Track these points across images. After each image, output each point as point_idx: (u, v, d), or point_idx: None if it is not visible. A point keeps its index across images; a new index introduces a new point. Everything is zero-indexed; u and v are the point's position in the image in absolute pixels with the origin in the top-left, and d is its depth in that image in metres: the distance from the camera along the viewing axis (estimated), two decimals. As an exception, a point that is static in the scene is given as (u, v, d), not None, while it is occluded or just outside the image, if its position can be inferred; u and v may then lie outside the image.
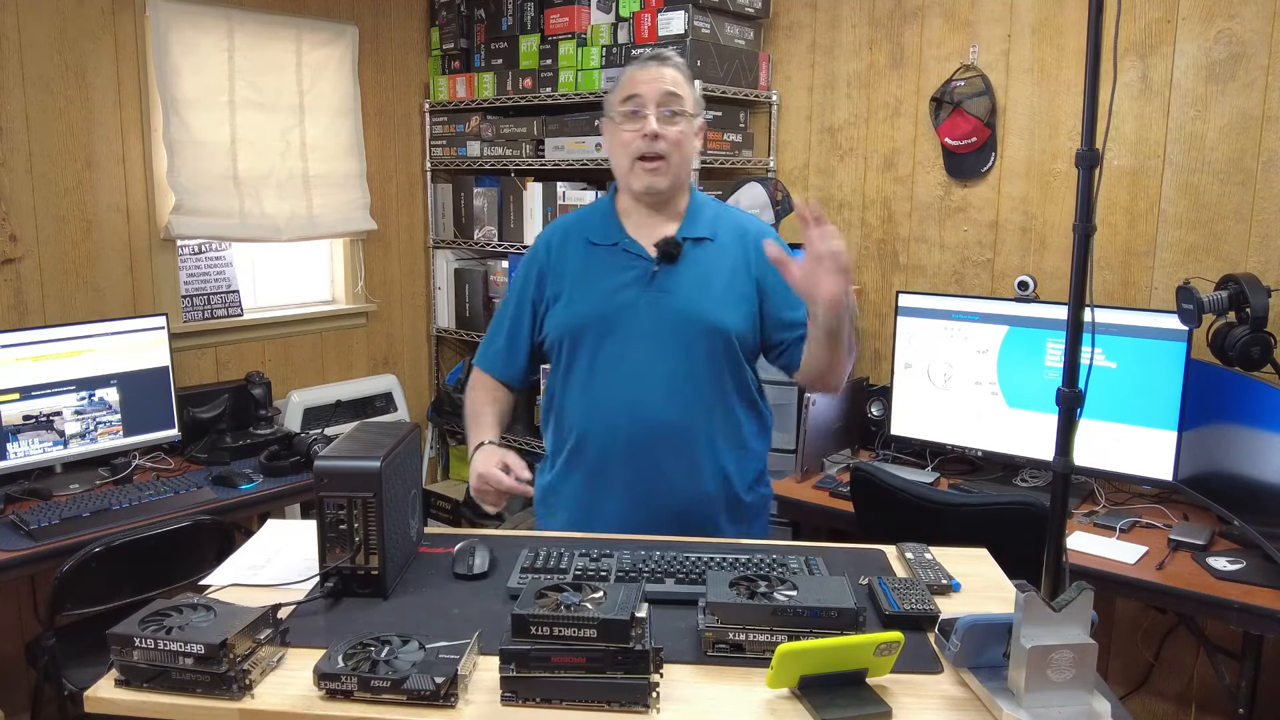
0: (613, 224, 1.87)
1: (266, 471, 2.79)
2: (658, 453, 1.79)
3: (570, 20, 3.37)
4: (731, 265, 1.83)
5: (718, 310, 1.79)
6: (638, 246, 1.83)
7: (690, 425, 1.79)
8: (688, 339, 1.78)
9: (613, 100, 1.83)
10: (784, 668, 1.19)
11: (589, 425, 1.83)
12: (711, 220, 1.87)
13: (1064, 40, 2.76)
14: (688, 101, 1.80)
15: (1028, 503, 2.04)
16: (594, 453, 1.83)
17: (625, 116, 1.79)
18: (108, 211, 3.03)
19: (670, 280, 1.80)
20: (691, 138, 1.81)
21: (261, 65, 3.34)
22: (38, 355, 2.65)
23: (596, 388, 1.82)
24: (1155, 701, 2.77)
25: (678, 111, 1.77)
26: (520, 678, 1.18)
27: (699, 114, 1.83)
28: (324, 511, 1.45)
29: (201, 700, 1.20)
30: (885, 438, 2.91)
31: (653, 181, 1.78)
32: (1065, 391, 1.28)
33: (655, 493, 1.81)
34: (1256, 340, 2.20)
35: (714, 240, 1.84)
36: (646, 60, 1.82)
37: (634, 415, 1.79)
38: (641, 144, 1.76)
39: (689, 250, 1.82)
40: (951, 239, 3.05)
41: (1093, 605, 1.21)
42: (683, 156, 1.80)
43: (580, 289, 1.84)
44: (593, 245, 1.86)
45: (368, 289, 3.81)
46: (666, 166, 1.78)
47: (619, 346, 1.80)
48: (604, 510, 1.83)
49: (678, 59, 1.83)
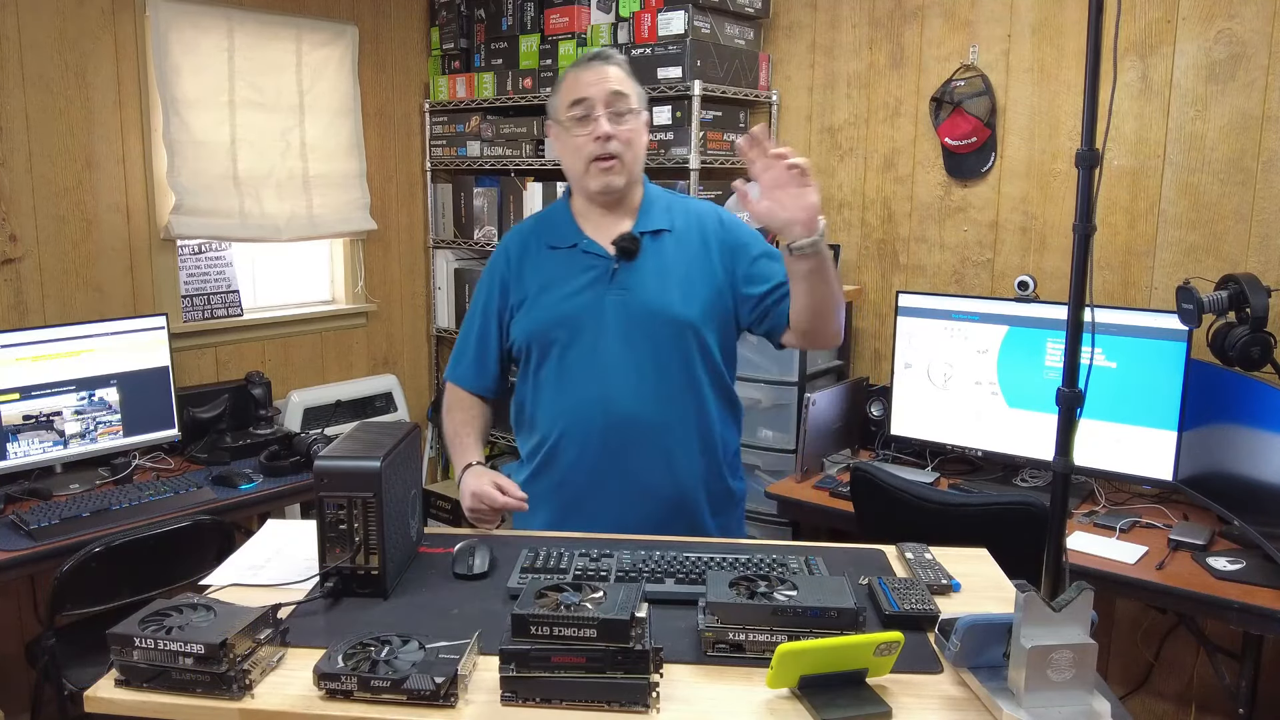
0: (570, 226, 1.87)
1: (266, 471, 2.79)
2: (634, 448, 1.80)
3: (570, 20, 3.37)
4: (692, 254, 1.84)
5: (682, 302, 1.80)
6: (596, 246, 1.83)
7: (665, 418, 1.80)
8: (654, 333, 1.79)
9: (558, 105, 1.82)
10: (784, 668, 1.19)
11: (564, 427, 1.83)
12: (666, 211, 1.87)
13: (1064, 40, 2.77)
14: (633, 98, 1.80)
15: (1028, 503, 2.04)
16: (571, 453, 1.83)
17: (575, 121, 1.79)
18: (108, 211, 3.03)
19: (632, 277, 1.80)
20: (641, 134, 1.82)
21: (261, 65, 3.34)
22: (38, 355, 2.64)
23: (568, 389, 1.82)
24: (1155, 701, 2.77)
25: (625, 110, 1.78)
26: (520, 678, 1.18)
27: (644, 109, 1.84)
28: (324, 511, 1.45)
29: (201, 700, 1.20)
30: (885, 438, 2.91)
31: (609, 180, 1.79)
32: (1065, 391, 1.28)
33: (633, 488, 1.81)
34: (1256, 340, 2.20)
35: (671, 231, 1.85)
36: (588, 61, 1.82)
37: (608, 412, 1.79)
38: (595, 146, 1.76)
39: (648, 244, 1.82)
40: (951, 239, 3.05)
41: (1093, 605, 1.21)
42: (635, 154, 1.81)
43: (544, 293, 1.84)
44: (552, 249, 1.87)
45: (368, 289, 3.81)
46: (621, 165, 1.79)
47: (587, 346, 1.80)
48: (584, 509, 1.83)
49: (618, 56, 1.84)
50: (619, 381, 1.78)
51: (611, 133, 1.76)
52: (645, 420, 1.79)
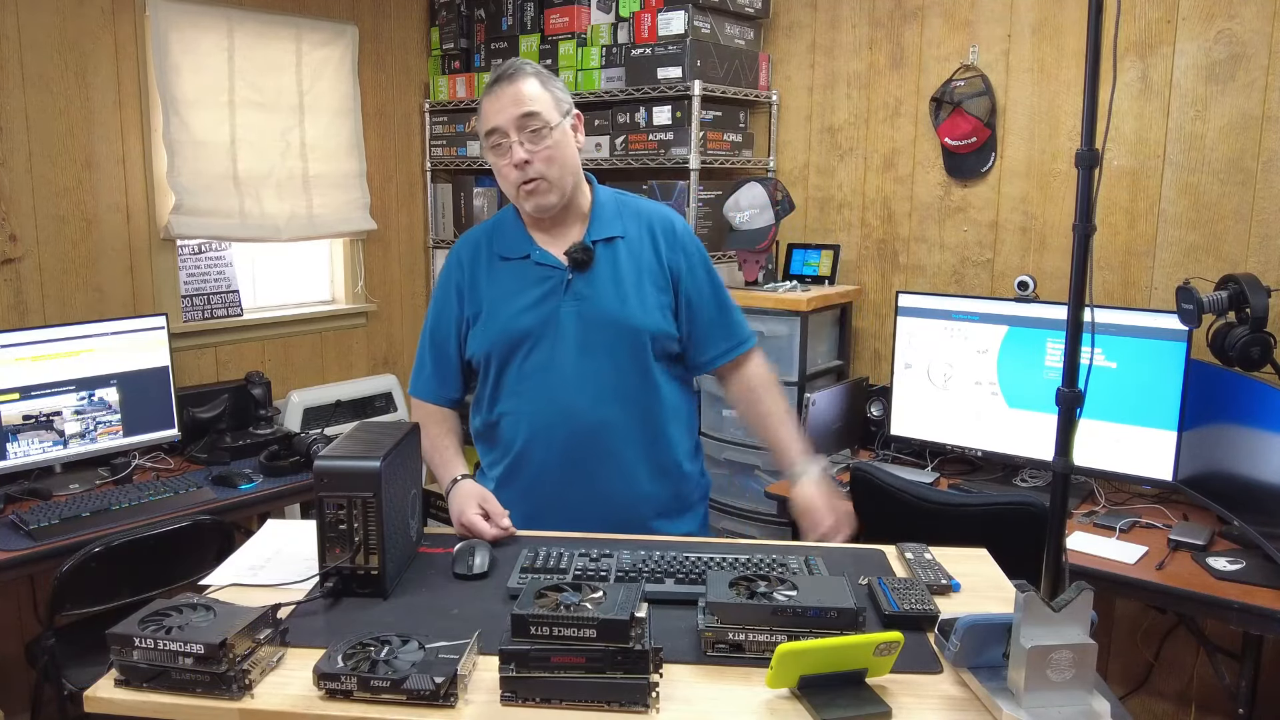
0: (521, 237, 1.86)
1: (266, 471, 2.79)
2: (594, 457, 1.80)
3: (570, 20, 3.37)
4: (644, 260, 1.83)
5: (637, 310, 1.80)
6: (550, 257, 1.82)
7: (623, 427, 1.81)
8: (610, 342, 1.79)
9: (480, 132, 1.82)
10: (784, 668, 1.19)
11: (528, 436, 1.83)
12: (617, 216, 1.86)
13: (1064, 40, 2.76)
14: (548, 111, 1.75)
15: (1027, 503, 2.04)
16: (534, 463, 1.84)
17: (492, 150, 1.78)
18: (107, 211, 3.03)
19: (586, 286, 1.80)
20: (567, 145, 1.78)
21: (261, 65, 3.34)
22: (37, 355, 2.64)
23: (529, 399, 1.82)
24: (1155, 701, 2.77)
25: (539, 127, 1.74)
26: (520, 678, 1.18)
27: (566, 113, 1.79)
28: (324, 511, 1.45)
29: (201, 700, 1.20)
30: (885, 438, 2.91)
31: (540, 201, 1.78)
32: (1065, 391, 1.28)
33: (594, 496, 1.81)
34: (1256, 340, 2.20)
35: (624, 237, 1.84)
36: (494, 84, 1.78)
37: (570, 421, 1.79)
38: (516, 174, 1.75)
39: (600, 252, 1.81)
40: (951, 239, 3.05)
41: (1092, 605, 1.21)
42: (562, 167, 1.77)
43: (499, 306, 1.83)
44: (504, 260, 1.85)
45: (367, 289, 3.81)
46: (548, 184, 1.76)
47: (544, 357, 1.80)
48: (546, 516, 1.82)
49: (526, 67, 1.79)
50: (578, 392, 1.79)
51: (527, 158, 1.73)
52: (606, 429, 1.80)
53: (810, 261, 3.25)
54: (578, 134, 1.82)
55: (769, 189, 3.02)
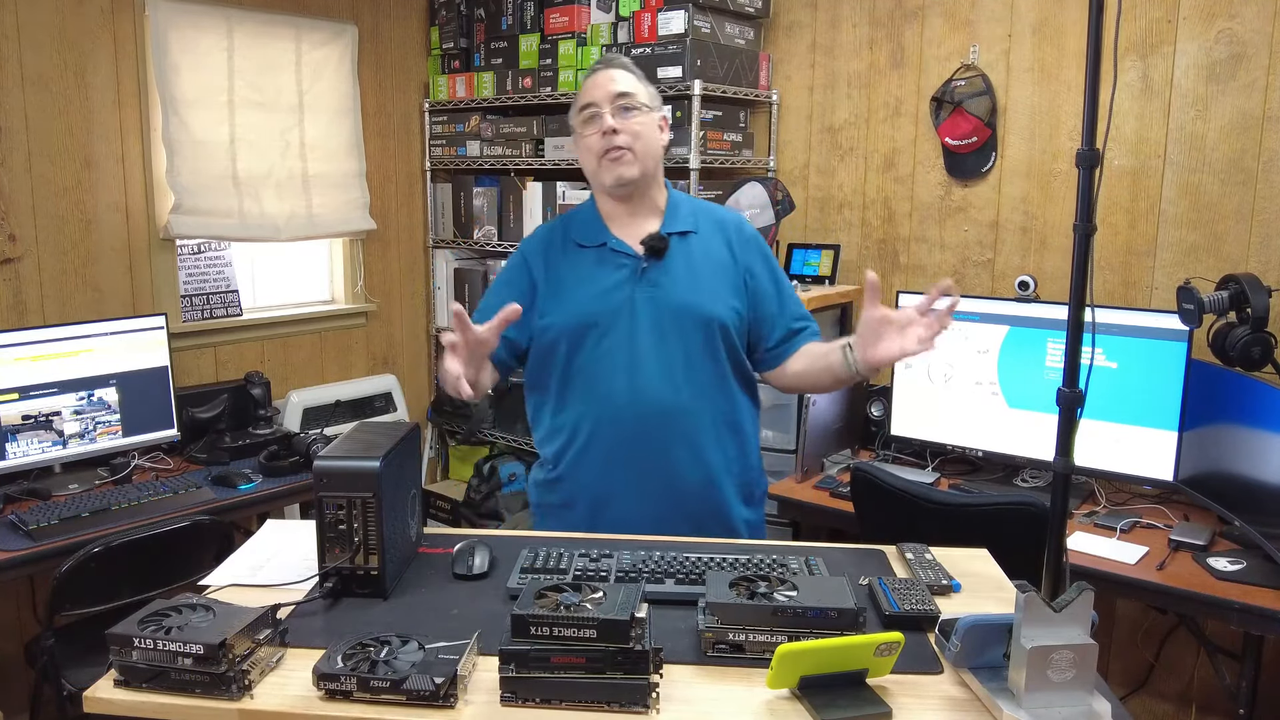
0: (598, 226, 1.91)
1: (266, 471, 2.78)
2: (665, 439, 1.82)
3: (570, 20, 3.37)
4: (717, 256, 1.88)
5: (709, 300, 1.84)
6: (625, 245, 1.87)
7: (694, 410, 1.83)
8: (683, 329, 1.82)
9: (573, 114, 1.89)
10: (784, 668, 1.19)
11: (597, 419, 1.84)
12: (691, 214, 1.92)
13: (1064, 40, 2.76)
14: (640, 96, 1.84)
15: (1028, 503, 2.04)
16: (603, 446, 1.84)
17: (584, 122, 1.85)
18: (107, 211, 3.03)
19: (661, 275, 1.84)
20: (653, 129, 1.85)
21: (261, 65, 3.34)
22: (37, 355, 2.64)
23: (599, 383, 1.84)
24: (1155, 702, 2.77)
25: (631, 107, 1.82)
26: (520, 678, 1.18)
27: (656, 108, 1.87)
28: (323, 511, 1.45)
29: (201, 700, 1.19)
30: (885, 438, 2.91)
31: (620, 171, 1.82)
32: (1065, 391, 1.28)
33: (665, 480, 1.83)
34: (1257, 340, 2.20)
35: (697, 233, 1.89)
36: (594, 68, 1.88)
37: (638, 405, 1.81)
38: (603, 141, 1.81)
39: (675, 244, 1.86)
40: (952, 239, 3.05)
41: (1093, 605, 1.21)
42: (646, 146, 1.84)
43: (574, 290, 1.87)
44: (580, 247, 1.90)
45: (367, 289, 3.81)
46: (631, 156, 1.82)
47: (617, 341, 1.83)
48: (616, 503, 1.85)
49: (623, 59, 1.90)
50: (649, 374, 1.81)
51: (617, 126, 1.80)
52: (677, 411, 1.82)
53: (810, 261, 3.25)
54: (664, 133, 1.89)
55: (769, 189, 3.02)
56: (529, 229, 3.56)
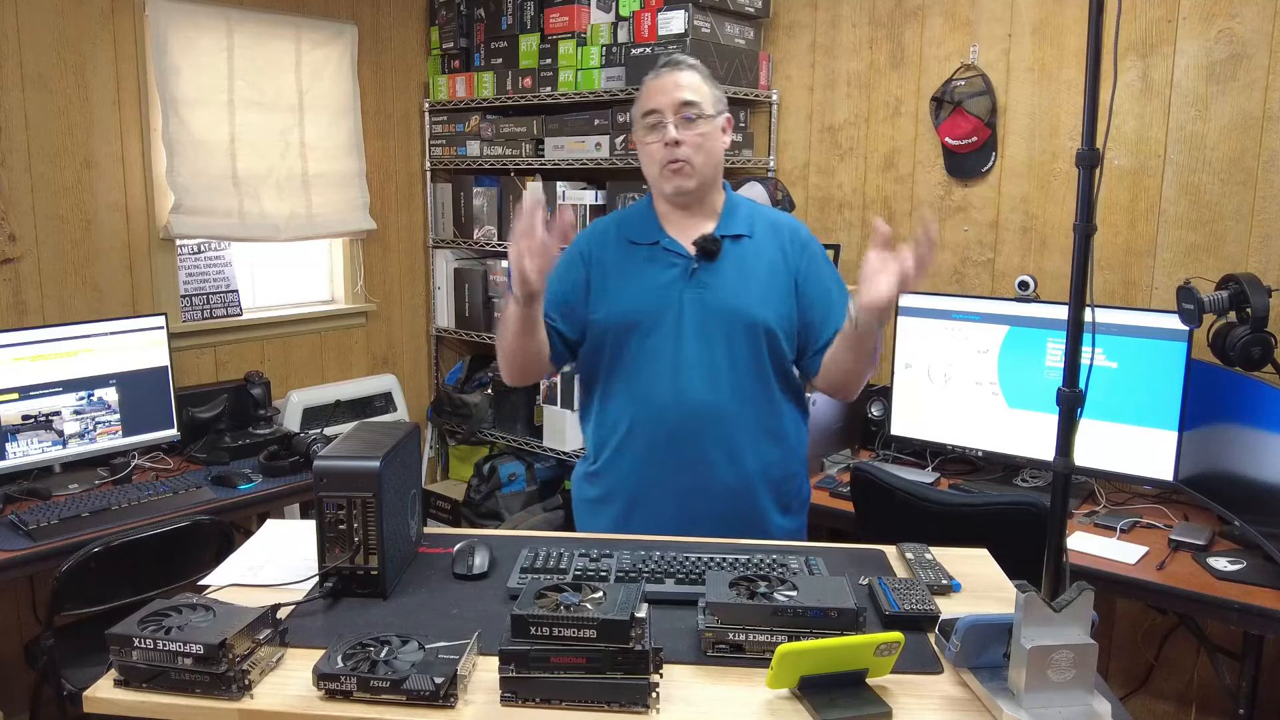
0: (652, 224, 1.92)
1: (266, 471, 2.78)
2: (703, 441, 1.83)
3: (570, 20, 3.37)
4: (770, 261, 1.89)
5: (758, 305, 1.84)
6: (678, 245, 1.88)
7: (735, 414, 1.83)
8: (730, 332, 1.83)
9: (636, 114, 1.89)
10: (784, 668, 1.19)
11: (636, 416, 1.86)
12: (747, 218, 1.92)
13: (1064, 40, 2.76)
14: (705, 103, 1.83)
15: (1028, 503, 2.04)
16: (642, 443, 1.86)
17: (647, 129, 1.85)
18: (107, 211, 3.03)
19: (711, 276, 1.85)
20: (715, 137, 1.86)
21: (261, 65, 3.34)
22: (36, 355, 2.64)
23: (642, 380, 1.85)
24: (1155, 702, 2.77)
25: (696, 116, 1.82)
26: (520, 678, 1.18)
27: (720, 112, 1.87)
28: (323, 511, 1.45)
29: (201, 700, 1.19)
30: (885, 438, 2.91)
31: (680, 183, 1.84)
32: (1065, 391, 1.28)
33: (701, 482, 1.84)
34: (1257, 340, 2.20)
35: (751, 237, 1.89)
36: (660, 69, 1.87)
37: (679, 404, 1.82)
38: (665, 152, 1.82)
39: (728, 247, 1.87)
40: (952, 239, 3.05)
41: (1093, 605, 1.21)
42: (707, 157, 1.84)
43: (624, 287, 1.88)
44: (633, 245, 1.91)
45: (367, 289, 3.80)
46: (691, 169, 1.83)
47: (663, 340, 1.84)
48: (651, 500, 1.86)
49: (692, 61, 1.88)
50: (692, 375, 1.82)
51: (679, 138, 1.81)
52: (717, 413, 1.82)
53: (810, 261, 3.24)
54: (726, 135, 1.90)
55: (769, 188, 3.02)
56: (529, 229, 3.56)
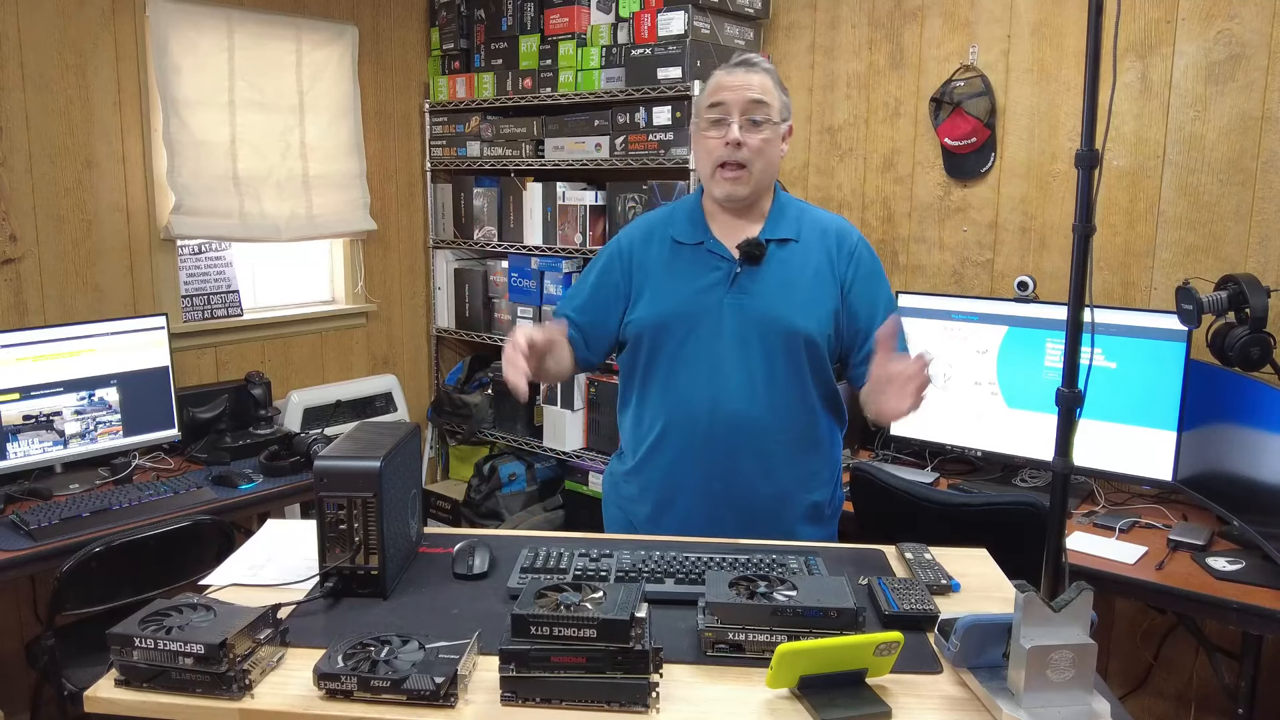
0: (699, 224, 1.88)
1: (266, 471, 2.79)
2: (736, 449, 1.81)
3: (570, 20, 3.37)
4: (815, 267, 1.84)
5: (800, 314, 1.81)
6: (722, 248, 1.84)
7: (770, 424, 1.81)
8: (768, 341, 1.80)
9: (700, 105, 1.85)
10: (784, 668, 1.19)
11: (669, 421, 1.84)
12: (795, 220, 1.88)
13: (1064, 40, 2.77)
14: (774, 109, 1.80)
15: (1027, 503, 2.04)
16: (674, 446, 1.85)
17: (710, 123, 1.81)
18: (107, 211, 3.03)
19: (753, 282, 1.82)
20: (776, 144, 1.83)
21: (261, 65, 3.34)
22: (37, 355, 2.64)
23: (678, 383, 1.84)
24: (1155, 702, 2.77)
25: (762, 120, 1.78)
26: (520, 678, 1.18)
27: (785, 119, 1.84)
28: (324, 511, 1.45)
29: (201, 700, 1.20)
30: (885, 438, 2.91)
31: (733, 190, 1.80)
32: (1065, 392, 1.28)
33: (732, 489, 1.83)
34: (1256, 340, 2.20)
35: (798, 241, 1.86)
36: (734, 66, 1.82)
37: (714, 411, 1.80)
38: (724, 151, 1.78)
39: (773, 251, 1.83)
40: (951, 239, 3.05)
41: (1092, 605, 1.21)
42: (766, 163, 1.81)
43: (665, 286, 1.86)
44: (678, 244, 1.88)
45: (368, 289, 3.81)
46: (748, 175, 1.79)
47: (701, 345, 1.82)
48: (680, 504, 1.85)
49: (767, 64, 1.84)
50: (728, 383, 1.80)
51: (742, 140, 1.77)
52: (751, 423, 1.80)
53: (810, 262, 3.25)
54: (785, 143, 1.86)
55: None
56: (529, 230, 3.57)
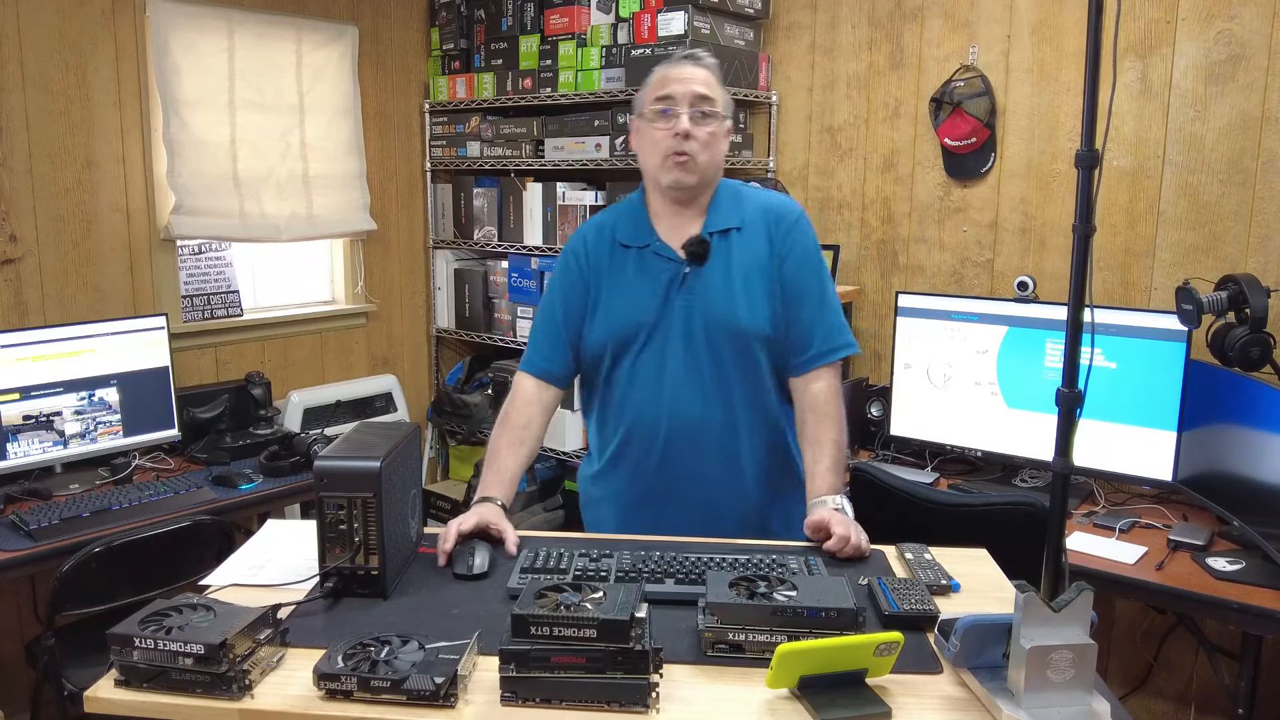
0: (644, 226, 1.87)
1: (266, 471, 2.79)
2: (698, 455, 1.82)
3: (570, 20, 3.37)
4: (756, 254, 1.83)
5: (745, 312, 1.80)
6: (668, 249, 1.84)
7: (728, 426, 1.81)
8: (718, 343, 1.80)
9: (644, 98, 1.84)
10: (784, 668, 1.19)
11: (629, 429, 1.85)
12: (735, 206, 1.86)
13: (1063, 41, 2.77)
14: (718, 103, 1.80)
15: (1027, 503, 2.04)
16: (634, 456, 1.86)
17: (657, 115, 1.80)
18: (108, 211, 3.03)
19: (699, 282, 1.81)
20: (721, 139, 1.83)
21: (261, 65, 3.34)
22: (38, 355, 2.64)
23: (634, 395, 1.84)
24: (1155, 702, 2.77)
25: (708, 113, 1.78)
26: (520, 678, 1.18)
27: (728, 115, 1.84)
28: (324, 511, 1.45)
29: (201, 700, 1.20)
30: (885, 438, 2.92)
31: (681, 176, 1.79)
32: (1065, 392, 1.28)
33: (699, 493, 1.83)
34: (1256, 341, 2.20)
35: (741, 229, 1.84)
36: (680, 60, 1.83)
37: (670, 421, 1.81)
38: (673, 142, 1.77)
39: (717, 245, 1.82)
40: (951, 239, 3.05)
41: (1092, 605, 1.21)
42: (711, 157, 1.81)
43: (616, 299, 1.85)
44: (624, 247, 1.87)
45: (368, 289, 3.81)
46: (695, 165, 1.79)
47: (655, 353, 1.82)
48: (649, 510, 1.86)
49: (710, 59, 1.84)
50: (682, 390, 1.80)
51: (691, 131, 1.76)
52: (709, 428, 1.81)
53: (810, 262, 3.25)
54: (727, 140, 1.86)
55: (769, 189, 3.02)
56: (529, 230, 3.57)
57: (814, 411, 1.81)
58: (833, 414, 1.81)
